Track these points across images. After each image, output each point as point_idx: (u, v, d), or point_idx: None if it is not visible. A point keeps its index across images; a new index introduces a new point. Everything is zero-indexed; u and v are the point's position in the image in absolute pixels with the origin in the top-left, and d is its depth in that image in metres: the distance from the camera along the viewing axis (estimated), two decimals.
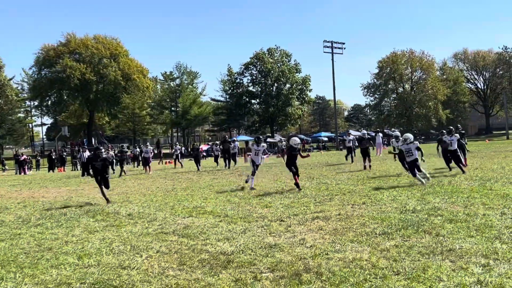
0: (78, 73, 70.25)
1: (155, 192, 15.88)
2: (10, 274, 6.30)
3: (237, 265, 6.12)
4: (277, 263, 6.11)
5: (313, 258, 6.25)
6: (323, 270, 5.67)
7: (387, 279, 5.21)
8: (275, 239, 7.55)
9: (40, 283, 5.81)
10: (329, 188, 13.89)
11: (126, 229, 9.12)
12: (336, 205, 10.65)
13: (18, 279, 6.04)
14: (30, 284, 5.79)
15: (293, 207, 10.67)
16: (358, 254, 6.30)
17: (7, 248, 8.04)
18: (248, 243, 7.33)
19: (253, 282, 5.39)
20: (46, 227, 9.84)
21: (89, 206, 12.91)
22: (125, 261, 6.65)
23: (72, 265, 6.58)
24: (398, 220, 8.33)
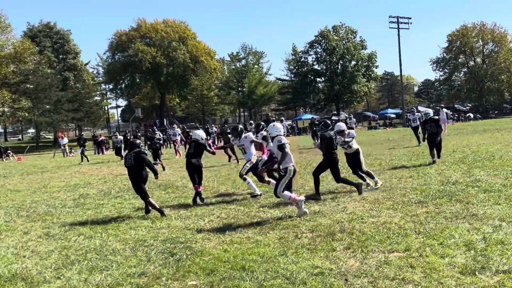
0: (149, 56, 73.23)
1: (220, 168, 17.20)
2: (98, 234, 7.66)
3: (283, 227, 7.16)
4: (317, 225, 7.10)
5: (349, 222, 7.18)
6: (355, 230, 6.60)
7: (407, 237, 6.08)
8: (321, 207, 8.51)
9: (122, 240, 7.10)
10: (382, 164, 14.60)
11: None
12: (383, 178, 11.41)
13: (104, 237, 7.38)
14: (113, 241, 7.09)
15: None
16: (390, 219, 7.17)
17: (93, 215, 9.50)
18: (295, 210, 8.34)
19: (294, 239, 6.42)
20: (124, 198, 11.32)
21: (161, 181, 14.37)
22: (190, 224, 7.86)
23: (146, 227, 7.87)
24: (436, 191, 9.05)
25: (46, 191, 14.08)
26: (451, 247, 5.50)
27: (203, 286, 4.88)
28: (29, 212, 10.41)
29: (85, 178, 17.25)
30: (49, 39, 73.91)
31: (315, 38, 76.49)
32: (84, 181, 15.99)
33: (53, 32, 76.23)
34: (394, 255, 5.43)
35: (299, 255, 5.66)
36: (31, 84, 65.21)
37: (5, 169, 26.66)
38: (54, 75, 66.73)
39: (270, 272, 5.12)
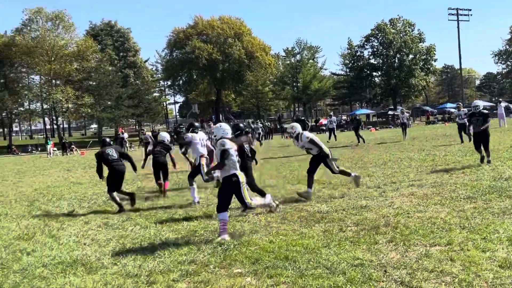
0: (206, 53, 74.43)
1: (271, 163, 17.49)
2: (152, 224, 8.09)
3: (328, 221, 7.34)
4: (363, 219, 7.23)
5: (394, 216, 7.27)
6: (399, 225, 6.70)
7: (451, 231, 6.13)
8: (368, 202, 8.62)
9: (174, 231, 7.49)
10: (435, 160, 14.43)
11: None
12: (435, 174, 11.34)
13: (158, 228, 7.80)
14: (167, 231, 7.49)
15: (393, 176, 11.56)
16: (436, 214, 7.20)
17: (149, 206, 9.99)
18: (342, 204, 8.50)
19: (338, 232, 6.59)
20: (179, 191, 11.79)
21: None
22: (239, 216, 8.17)
23: (198, 218, 8.25)
24: (487, 187, 8.95)
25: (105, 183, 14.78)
26: (494, 242, 5.52)
27: (248, 274, 5.15)
28: (90, 203, 11.05)
29: (143, 171, 17.93)
30: (110, 37, 76.37)
31: (372, 31, 75.34)
32: (141, 175, 16.65)
33: (114, 31, 78.73)
34: (435, 248, 5.52)
35: (342, 247, 5.84)
36: (94, 81, 67.78)
37: (69, 162, 28.03)
38: (115, 72, 69.01)
39: (312, 262, 5.33)
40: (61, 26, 68.24)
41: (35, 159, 36.86)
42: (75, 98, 65.64)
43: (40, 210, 10.50)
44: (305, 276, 4.92)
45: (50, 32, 67.05)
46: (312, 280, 4.78)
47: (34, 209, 10.61)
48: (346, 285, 4.60)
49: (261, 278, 4.99)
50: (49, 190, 14.15)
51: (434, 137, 25.68)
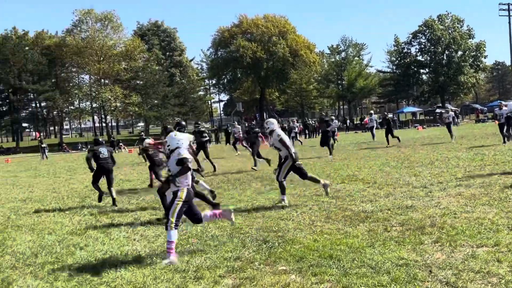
0: (250, 52, 74.80)
1: (315, 162, 17.49)
2: None
3: (373, 220, 7.33)
4: (408, 219, 7.19)
5: (441, 216, 7.20)
6: (445, 225, 6.63)
7: (499, 232, 6.03)
8: (413, 202, 8.54)
9: (220, 228, 7.65)
10: (484, 159, 14.10)
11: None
12: (484, 174, 11.11)
13: (205, 225, 7.98)
14: (213, 228, 7.66)
15: (440, 176, 11.39)
16: (483, 215, 7.09)
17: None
18: (387, 204, 8.46)
19: (383, 232, 6.59)
20: (224, 189, 11.99)
21: (258, 173, 14.94)
22: (283, 215, 8.26)
23: (243, 216, 8.38)
24: None
25: (155, 180, 15.16)
26: None
27: (292, 271, 5.24)
28: (139, 200, 11.37)
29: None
30: (157, 37, 77.80)
31: (419, 28, 73.90)
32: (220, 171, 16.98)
33: (161, 31, 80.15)
34: (482, 249, 5.45)
35: (386, 247, 5.85)
36: (141, 80, 69.25)
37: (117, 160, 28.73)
38: (162, 72, 70.26)
39: (356, 261, 5.37)
40: (110, 27, 70.02)
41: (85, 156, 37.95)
42: (123, 97, 67.24)
43: (91, 206, 10.88)
44: (349, 275, 4.97)
45: (99, 32, 68.87)
46: (356, 279, 4.83)
47: (85, 205, 11.01)
48: (390, 285, 4.63)
49: (305, 276, 5.07)
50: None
51: (483, 136, 25.05)
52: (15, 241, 7.64)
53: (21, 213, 10.58)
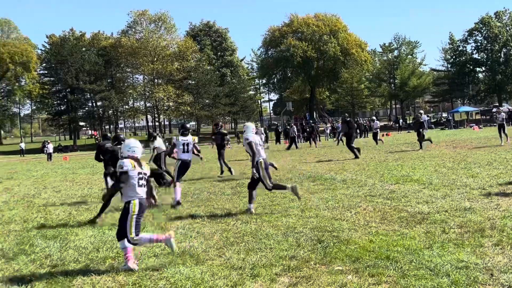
0: (301, 51, 74.69)
1: (368, 162, 17.31)
2: (253, 219, 8.37)
3: (430, 222, 7.21)
4: (467, 221, 7.04)
5: (501, 219, 7.00)
6: (506, 228, 6.45)
7: None
8: (471, 203, 8.34)
9: (274, 227, 7.72)
10: None
11: (340, 192, 10.74)
12: None
13: (258, 223, 8.07)
14: (267, 227, 7.73)
15: (499, 178, 11.06)
16: None
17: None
18: (444, 205, 8.29)
19: (441, 234, 6.48)
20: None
21: (310, 173, 14.93)
22: (337, 215, 8.24)
23: (297, 216, 8.42)
24: None
25: (206, 179, 15.43)
26: None
27: (349, 272, 5.24)
28: (193, 198, 11.59)
29: (240, 168, 18.47)
30: (208, 37, 78.84)
31: (475, 25, 71.76)
32: (240, 172, 17.15)
33: (212, 31, 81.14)
34: None
35: (445, 249, 5.75)
36: (193, 80, 70.39)
37: (170, 159, 29.33)
38: (213, 72, 71.17)
39: (414, 263, 5.31)
40: (163, 28, 71.51)
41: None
42: (175, 97, 68.53)
43: None
44: (407, 276, 4.93)
45: (153, 33, 70.42)
46: (414, 281, 4.78)
47: None
48: (450, 287, 4.56)
49: (362, 276, 5.06)
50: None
51: None
52: (78, 236, 7.95)
53: (82, 209, 10.99)
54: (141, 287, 5.30)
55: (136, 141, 6.50)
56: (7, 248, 7.37)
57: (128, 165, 6.07)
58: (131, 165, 6.08)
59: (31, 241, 7.75)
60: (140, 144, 6.52)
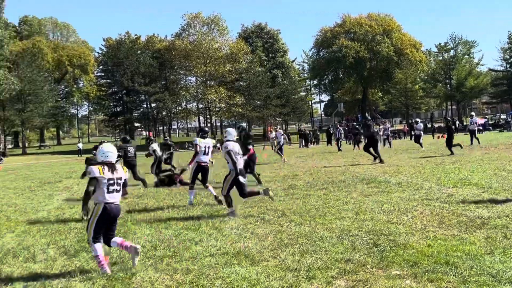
0: (353, 51, 73.97)
1: (424, 164, 16.93)
2: (307, 221, 8.36)
3: (491, 227, 6.99)
4: None
5: None
6: None
7: None
8: None
9: (328, 229, 7.67)
10: None
11: (395, 195, 10.56)
12: None
13: (312, 225, 8.04)
14: (321, 229, 7.70)
15: None
16: None
17: (301, 204, 10.30)
18: (505, 210, 8.02)
19: (502, 239, 6.27)
20: (329, 190, 11.97)
21: (364, 175, 14.74)
22: (393, 219, 8.11)
23: (351, 219, 8.34)
24: None
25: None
26: None
27: (407, 276, 5.15)
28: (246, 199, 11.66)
29: (292, 170, 18.46)
30: (260, 39, 79.24)
31: None
32: (292, 173, 17.14)
33: (264, 32, 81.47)
34: None
35: (507, 255, 5.57)
36: (244, 82, 70.91)
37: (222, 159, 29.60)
38: (264, 73, 71.46)
39: (475, 269, 5.16)
40: (216, 30, 72.43)
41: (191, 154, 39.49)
42: (227, 98, 69.26)
43: (202, 203, 11.33)
44: (468, 282, 4.80)
45: (206, 35, 71.43)
46: (476, 287, 4.65)
47: (196, 202, 11.49)
48: None
49: (421, 281, 4.96)
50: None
51: None
52: (136, 235, 8.16)
53: (139, 208, 11.27)
54: (198, 286, 5.39)
55: (109, 146, 6.58)
56: (69, 245, 7.64)
57: (95, 171, 6.18)
58: (99, 171, 6.18)
59: None
60: (115, 149, 6.64)
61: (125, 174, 6.51)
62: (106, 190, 6.20)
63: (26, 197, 15.03)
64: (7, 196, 15.72)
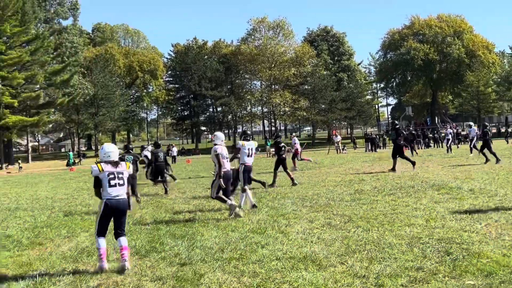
0: (422, 53, 72.11)
1: (497, 171, 16.21)
2: (374, 227, 8.20)
3: None
4: None
5: None
6: None
7: None
8: None
9: (397, 236, 7.49)
10: None
11: (468, 202, 10.17)
12: None
13: (380, 231, 7.89)
14: (389, 236, 7.53)
15: None
16: None
17: (369, 209, 10.13)
18: None
19: None
20: (397, 196, 11.70)
21: (434, 181, 14.30)
22: (465, 226, 7.81)
23: (421, 226, 8.10)
24: None
25: (324, 185, 15.37)
26: None
27: (481, 287, 4.95)
28: (312, 203, 11.60)
29: (358, 175, 18.19)
30: (325, 42, 78.83)
31: None
32: (358, 178, 16.89)
33: (330, 36, 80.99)
34: None
35: None
36: (309, 85, 70.66)
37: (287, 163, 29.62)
38: (330, 76, 70.96)
39: None
40: (281, 34, 72.78)
41: (256, 159, 39.81)
42: (291, 102, 69.33)
43: (268, 206, 11.38)
44: None
45: (271, 40, 71.88)
46: None
47: (262, 205, 11.55)
48: None
49: None
50: (274, 189, 15.23)
51: None
52: (203, 236, 8.30)
53: (205, 210, 11.47)
54: None
55: (110, 146, 6.93)
56: (140, 246, 7.88)
57: (95, 169, 6.61)
58: (99, 169, 6.58)
59: (161, 239, 8.23)
60: (116, 148, 6.99)
61: (127, 170, 6.85)
62: (107, 184, 6.57)
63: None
64: (81, 197, 16.47)
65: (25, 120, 52.01)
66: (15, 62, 51.68)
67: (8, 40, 53.20)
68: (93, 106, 67.92)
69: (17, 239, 9.16)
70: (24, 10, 53.73)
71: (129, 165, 6.95)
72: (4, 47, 51.12)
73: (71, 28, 74.60)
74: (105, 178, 6.59)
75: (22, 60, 51.89)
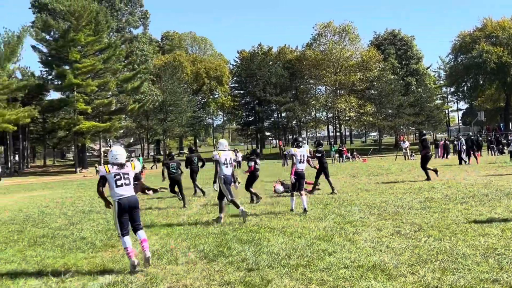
0: (495, 56, 69.24)
1: None
2: (446, 237, 7.91)
3: None
4: None
5: None
6: None
7: None
8: None
9: (471, 246, 7.20)
10: None
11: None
12: None
13: (453, 241, 7.60)
14: (463, 246, 7.24)
15: None
16: None
17: (439, 218, 9.80)
18: None
19: None
20: (470, 205, 11.25)
21: (509, 189, 13.66)
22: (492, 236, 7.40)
23: (496, 236, 7.75)
24: None
25: (392, 192, 15.03)
26: None
27: None
28: (380, 210, 11.37)
29: (428, 182, 17.66)
30: (393, 46, 77.31)
31: None
32: (428, 185, 16.40)
33: (397, 39, 79.36)
34: None
35: None
36: (375, 90, 69.49)
37: (353, 169, 29.28)
38: (397, 81, 69.48)
39: None
40: (347, 39, 72.08)
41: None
42: (357, 107, 68.39)
43: (334, 213, 11.26)
44: None
45: (336, 44, 71.33)
46: None
47: (329, 212, 11.45)
48: None
49: None
50: (339, 196, 15.03)
51: None
52: (270, 242, 8.31)
53: (271, 215, 11.49)
54: None
55: (118, 149, 7.31)
56: (208, 250, 8.00)
57: (102, 170, 7.05)
58: (106, 170, 7.01)
59: (228, 244, 8.32)
60: (123, 151, 7.39)
61: (133, 170, 7.24)
62: (114, 185, 6.96)
63: (168, 202, 16.08)
64: (152, 201, 16.93)
65: (98, 125, 54.20)
66: (89, 70, 54.05)
67: (82, 49, 55.70)
68: (162, 112, 69.85)
69: (91, 241, 9.54)
70: (97, 20, 56.08)
71: (134, 165, 7.32)
72: (79, 56, 53.61)
73: (141, 37, 77.13)
74: (111, 179, 6.99)
75: (95, 68, 54.20)
